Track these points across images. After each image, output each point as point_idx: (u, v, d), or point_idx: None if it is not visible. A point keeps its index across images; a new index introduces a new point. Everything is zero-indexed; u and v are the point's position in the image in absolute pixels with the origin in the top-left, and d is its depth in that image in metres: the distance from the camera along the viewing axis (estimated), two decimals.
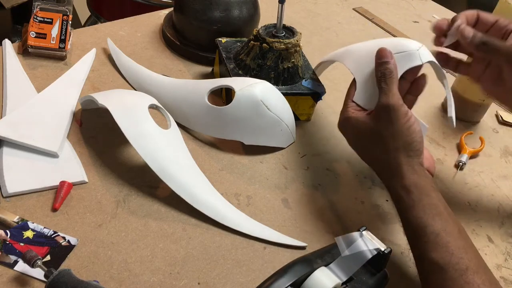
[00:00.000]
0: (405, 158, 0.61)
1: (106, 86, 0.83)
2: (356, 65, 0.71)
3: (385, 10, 1.27)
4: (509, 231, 0.74)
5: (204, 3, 0.89)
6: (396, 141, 0.61)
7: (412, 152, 0.61)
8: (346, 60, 0.73)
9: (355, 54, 0.73)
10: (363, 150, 0.67)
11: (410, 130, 0.61)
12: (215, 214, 0.66)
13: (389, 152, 0.62)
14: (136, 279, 0.58)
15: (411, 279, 0.64)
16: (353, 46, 0.75)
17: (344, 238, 0.54)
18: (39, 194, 0.64)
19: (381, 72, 0.65)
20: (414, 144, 0.61)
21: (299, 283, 0.50)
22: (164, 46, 0.96)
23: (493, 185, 0.81)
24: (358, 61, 0.71)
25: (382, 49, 0.66)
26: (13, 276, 0.56)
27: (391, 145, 0.61)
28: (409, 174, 0.60)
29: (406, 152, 0.61)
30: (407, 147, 0.61)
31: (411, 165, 0.61)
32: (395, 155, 0.61)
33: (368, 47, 0.71)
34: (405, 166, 0.61)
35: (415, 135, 0.62)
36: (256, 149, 0.78)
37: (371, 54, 0.68)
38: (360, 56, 0.71)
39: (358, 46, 0.74)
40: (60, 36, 0.85)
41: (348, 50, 0.75)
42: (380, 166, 0.65)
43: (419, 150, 0.62)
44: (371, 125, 0.63)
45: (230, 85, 0.76)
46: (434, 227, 0.57)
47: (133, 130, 0.67)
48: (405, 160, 0.61)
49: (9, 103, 0.75)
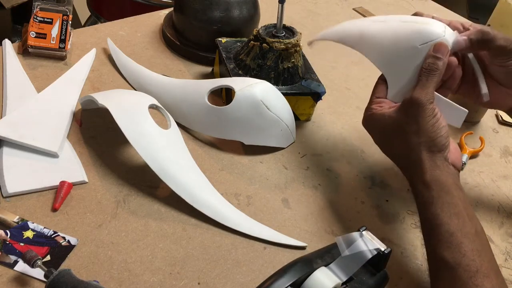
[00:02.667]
0: (427, 153, 0.60)
1: (106, 86, 0.83)
2: (383, 60, 0.66)
3: (385, 10, 1.27)
4: (509, 231, 0.74)
5: (204, 3, 0.89)
6: (419, 137, 0.60)
7: (435, 147, 0.60)
8: (368, 52, 0.68)
9: (378, 45, 0.67)
10: (387, 144, 0.66)
11: (434, 126, 0.60)
12: (215, 214, 0.66)
13: (411, 147, 0.61)
14: (136, 279, 0.58)
15: (411, 279, 0.64)
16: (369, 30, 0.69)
17: (344, 238, 0.54)
18: (39, 194, 0.64)
19: (429, 64, 0.62)
20: (439, 140, 0.60)
21: (299, 283, 0.50)
22: (164, 46, 0.96)
23: (493, 185, 0.81)
24: (384, 55, 0.66)
25: (442, 44, 0.62)
26: (13, 276, 0.56)
27: (413, 141, 0.61)
28: (430, 169, 0.60)
29: (428, 148, 0.60)
30: (430, 143, 0.60)
31: (434, 160, 0.60)
32: (417, 150, 0.60)
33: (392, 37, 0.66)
34: (426, 161, 0.60)
35: (439, 131, 0.61)
36: (256, 149, 0.78)
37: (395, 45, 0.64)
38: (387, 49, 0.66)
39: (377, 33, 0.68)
40: (60, 36, 0.85)
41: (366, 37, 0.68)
42: (402, 161, 0.64)
43: (444, 145, 0.61)
44: (395, 118, 0.62)
45: (230, 85, 0.76)
46: (450, 226, 0.56)
47: (133, 130, 0.67)
48: (427, 156, 0.60)
49: (9, 103, 0.75)
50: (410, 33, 0.65)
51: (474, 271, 0.53)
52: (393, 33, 0.66)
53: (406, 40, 0.65)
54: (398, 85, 0.66)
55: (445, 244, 0.56)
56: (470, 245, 0.55)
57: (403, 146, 0.62)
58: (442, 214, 0.57)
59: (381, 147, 0.67)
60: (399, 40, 0.65)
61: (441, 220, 0.57)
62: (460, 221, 0.57)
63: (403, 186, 0.77)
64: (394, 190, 0.76)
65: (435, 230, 0.57)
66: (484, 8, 0.71)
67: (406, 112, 0.61)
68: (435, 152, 0.60)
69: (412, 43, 0.64)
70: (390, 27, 0.67)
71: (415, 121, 0.60)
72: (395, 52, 0.65)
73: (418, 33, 0.64)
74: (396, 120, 0.62)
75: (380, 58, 0.67)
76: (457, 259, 0.54)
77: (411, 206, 0.74)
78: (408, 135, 0.61)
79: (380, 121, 0.64)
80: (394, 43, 0.65)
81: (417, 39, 0.64)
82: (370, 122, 0.66)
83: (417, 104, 0.60)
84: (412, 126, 0.61)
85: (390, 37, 0.66)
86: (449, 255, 0.55)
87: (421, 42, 0.63)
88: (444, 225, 0.56)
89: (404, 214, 0.73)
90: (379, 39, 0.67)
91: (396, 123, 0.62)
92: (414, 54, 0.64)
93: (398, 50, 0.65)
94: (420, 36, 0.64)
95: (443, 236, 0.56)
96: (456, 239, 0.55)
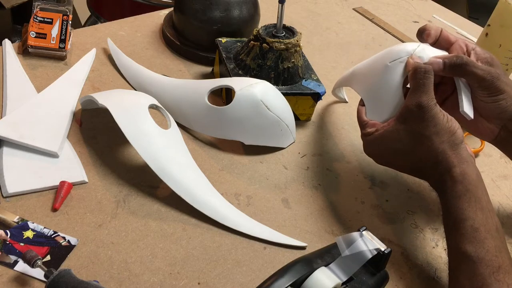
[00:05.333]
0: (451, 149, 0.61)
1: (106, 86, 0.83)
2: (361, 86, 0.72)
3: (385, 10, 1.27)
4: (509, 231, 0.74)
5: (204, 3, 0.89)
6: (440, 137, 0.61)
7: (457, 140, 0.62)
8: (353, 85, 0.75)
9: (359, 75, 0.74)
10: (405, 159, 0.65)
11: (449, 122, 0.62)
12: (215, 214, 0.66)
13: (435, 148, 0.61)
14: (136, 279, 0.58)
15: (411, 279, 0.64)
16: (355, 68, 0.76)
17: (344, 238, 0.54)
18: (39, 194, 0.64)
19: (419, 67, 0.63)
20: (458, 133, 0.62)
21: (299, 283, 0.50)
22: (164, 46, 0.96)
23: (493, 185, 0.81)
24: (361, 80, 0.72)
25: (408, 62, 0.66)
26: (13, 276, 0.56)
27: (436, 141, 0.61)
28: (459, 163, 0.60)
29: (451, 144, 0.61)
30: (451, 138, 0.61)
31: (459, 153, 0.61)
32: (443, 149, 0.61)
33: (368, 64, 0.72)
34: (453, 157, 0.61)
35: (455, 125, 0.62)
36: (256, 149, 0.78)
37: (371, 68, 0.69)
38: (363, 76, 0.72)
39: (359, 67, 0.75)
40: (60, 36, 0.85)
41: (353, 73, 0.76)
42: (425, 165, 0.63)
43: (462, 135, 0.62)
44: (408, 128, 0.62)
45: (230, 85, 0.76)
46: (475, 221, 0.57)
47: (133, 130, 0.67)
48: (451, 152, 0.61)
49: (9, 103, 0.75)
50: (383, 54, 0.70)
51: (497, 267, 0.54)
52: (370, 61, 0.72)
53: (379, 61, 0.70)
54: (375, 104, 0.69)
55: (469, 238, 0.57)
56: (493, 242, 0.56)
57: (426, 151, 0.62)
58: (468, 209, 0.58)
59: (396, 164, 0.67)
60: (373, 64, 0.71)
61: (467, 215, 0.58)
62: (484, 216, 0.58)
63: (403, 186, 0.77)
64: (394, 190, 0.76)
65: (459, 224, 0.58)
66: (484, 8, 0.71)
67: (419, 118, 0.62)
68: (458, 144, 0.62)
69: (383, 61, 0.69)
70: (370, 58, 0.73)
71: (432, 123, 0.61)
72: (370, 74, 0.71)
73: (389, 53, 0.69)
74: (410, 130, 0.62)
75: (359, 85, 0.73)
76: (481, 254, 0.55)
77: (411, 206, 0.74)
78: (429, 139, 0.61)
79: (388, 138, 0.64)
80: (369, 68, 0.71)
81: (387, 57, 0.68)
82: (376, 145, 0.66)
83: (426, 106, 0.61)
84: (431, 128, 0.61)
85: (367, 64, 0.73)
86: (472, 249, 0.56)
87: (391, 60, 0.68)
88: (469, 220, 0.57)
89: (404, 214, 0.73)
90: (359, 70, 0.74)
91: (412, 132, 0.62)
92: (385, 71, 0.68)
93: (372, 72, 0.70)
94: (390, 54, 0.68)
95: (466, 231, 0.57)
96: (480, 235, 0.56)
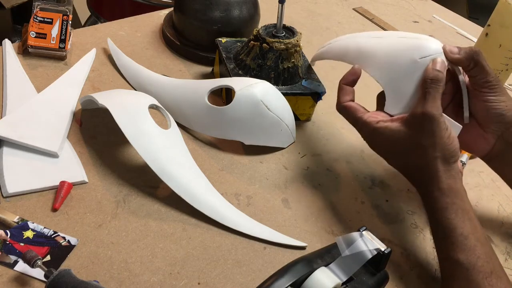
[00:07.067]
0: (443, 165, 0.61)
1: (106, 86, 0.83)
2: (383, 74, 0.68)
3: (385, 10, 1.27)
4: (509, 231, 0.74)
5: (204, 3, 0.89)
6: (435, 151, 0.61)
7: (452, 158, 0.62)
8: (367, 67, 0.70)
9: (377, 60, 0.69)
10: (398, 158, 0.66)
11: (450, 139, 0.62)
12: (215, 214, 0.66)
13: (427, 160, 0.62)
14: (136, 279, 0.58)
15: (411, 279, 0.64)
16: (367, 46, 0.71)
17: (344, 238, 0.54)
18: (39, 194, 0.64)
19: (433, 77, 0.63)
20: (454, 151, 0.62)
21: (299, 283, 0.50)
22: (164, 46, 0.96)
23: (493, 185, 0.81)
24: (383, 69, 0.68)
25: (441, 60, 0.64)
26: (13, 276, 0.56)
27: (430, 154, 0.61)
28: (446, 179, 0.61)
29: (444, 160, 0.61)
30: (446, 155, 0.61)
31: (449, 171, 0.61)
32: (434, 162, 0.61)
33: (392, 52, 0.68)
34: (442, 172, 0.61)
35: (455, 143, 0.62)
36: (256, 149, 0.78)
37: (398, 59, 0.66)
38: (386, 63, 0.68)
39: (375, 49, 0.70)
40: (60, 36, 0.85)
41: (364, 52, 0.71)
42: (415, 171, 0.64)
43: (457, 155, 0.63)
44: (409, 133, 0.63)
45: (230, 85, 0.76)
46: (464, 229, 0.58)
47: (133, 130, 0.67)
48: (443, 167, 0.61)
49: (9, 103, 0.74)
50: (409, 47, 0.67)
51: (489, 272, 0.55)
52: (392, 48, 0.68)
53: (405, 54, 0.67)
54: (397, 98, 0.67)
55: (460, 246, 0.57)
56: (483, 249, 0.57)
57: (418, 159, 0.63)
58: (456, 219, 0.59)
59: (390, 159, 0.68)
60: (398, 54, 0.67)
61: (455, 224, 0.59)
62: (472, 225, 0.59)
63: (403, 186, 0.77)
64: (394, 190, 0.76)
65: (449, 233, 0.59)
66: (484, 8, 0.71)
67: (421, 127, 0.62)
68: (451, 163, 0.62)
69: (411, 56, 0.66)
70: (389, 42, 0.69)
71: (431, 135, 0.61)
72: (394, 66, 0.67)
73: (417, 48, 0.66)
74: (410, 136, 0.63)
75: (379, 72, 0.69)
76: (472, 261, 0.56)
77: (411, 206, 0.74)
78: (425, 149, 0.62)
79: (387, 135, 0.64)
80: (393, 58, 0.67)
81: (417, 53, 0.66)
82: (375, 137, 0.67)
83: (432, 118, 0.61)
84: (428, 139, 0.61)
85: (389, 52, 0.68)
86: (463, 257, 0.57)
87: (421, 56, 0.65)
88: (458, 229, 0.58)
89: (404, 214, 0.73)
90: (378, 54, 0.69)
91: (410, 138, 0.63)
92: (414, 67, 0.66)
93: (397, 64, 0.67)
94: (419, 50, 0.66)
95: (457, 239, 0.58)
96: (470, 242, 0.57)
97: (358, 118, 0.67)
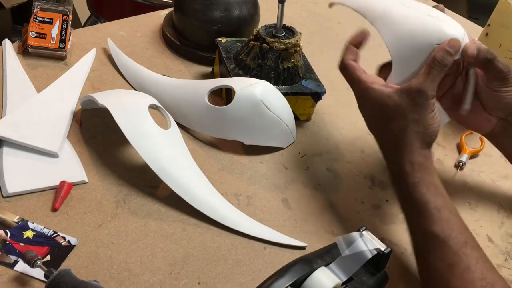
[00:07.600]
0: (419, 142, 0.62)
1: (106, 86, 0.83)
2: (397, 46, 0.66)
3: None
4: (509, 231, 0.74)
5: (204, 3, 0.89)
6: (418, 126, 0.62)
7: (429, 138, 0.63)
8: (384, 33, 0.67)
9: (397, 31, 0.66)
10: (379, 123, 0.66)
11: (433, 119, 0.62)
12: (215, 214, 0.66)
13: (407, 132, 0.62)
14: (136, 279, 0.58)
15: (411, 279, 0.64)
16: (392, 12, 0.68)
17: (344, 238, 0.54)
18: (39, 194, 0.64)
19: (440, 58, 0.62)
20: (434, 133, 0.63)
21: (299, 283, 0.50)
22: (164, 46, 0.96)
23: (493, 185, 0.81)
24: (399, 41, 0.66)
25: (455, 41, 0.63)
26: (13, 276, 0.56)
27: (411, 128, 0.62)
28: (418, 155, 0.62)
29: (423, 138, 0.62)
30: (425, 133, 0.62)
31: (423, 149, 0.62)
32: (412, 136, 0.62)
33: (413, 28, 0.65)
34: (416, 148, 0.62)
35: (436, 125, 0.63)
36: (256, 149, 0.78)
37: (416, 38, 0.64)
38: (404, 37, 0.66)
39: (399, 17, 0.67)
40: (60, 36, 0.85)
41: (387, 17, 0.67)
42: (391, 140, 0.64)
43: (435, 137, 0.63)
44: (399, 102, 0.62)
45: (230, 85, 0.76)
46: (437, 203, 0.59)
47: (133, 130, 0.67)
48: (418, 144, 0.62)
49: (9, 103, 0.75)
50: (430, 29, 0.65)
51: (463, 242, 0.57)
52: (414, 23, 0.66)
53: (425, 35, 0.65)
54: (403, 74, 0.66)
55: (434, 219, 0.58)
56: (456, 220, 0.59)
57: (399, 130, 0.63)
58: (428, 193, 0.60)
59: (371, 123, 0.67)
60: (419, 33, 0.65)
61: (428, 198, 0.60)
62: (444, 199, 0.60)
63: None
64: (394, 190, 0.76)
65: (422, 207, 0.59)
66: (484, 8, 0.71)
67: (412, 100, 0.62)
68: (427, 143, 0.63)
69: (429, 39, 0.64)
70: (414, 16, 0.67)
71: (419, 112, 0.62)
72: (411, 43, 0.65)
73: (438, 32, 0.64)
74: (400, 105, 0.63)
75: (395, 43, 0.66)
76: (447, 232, 0.57)
77: None
78: (408, 122, 0.62)
79: (377, 98, 0.64)
80: (413, 34, 0.65)
81: (436, 37, 0.64)
82: (366, 96, 0.66)
83: (425, 95, 0.61)
84: (414, 114, 0.62)
85: (411, 26, 0.66)
86: (438, 229, 0.58)
87: (439, 42, 0.64)
88: (431, 202, 0.59)
89: None
90: (401, 25, 0.67)
91: (399, 107, 0.63)
92: (429, 51, 0.64)
93: (414, 42, 0.65)
94: (439, 35, 0.64)
95: (431, 212, 0.59)
96: (444, 215, 0.59)
97: (355, 76, 0.67)
